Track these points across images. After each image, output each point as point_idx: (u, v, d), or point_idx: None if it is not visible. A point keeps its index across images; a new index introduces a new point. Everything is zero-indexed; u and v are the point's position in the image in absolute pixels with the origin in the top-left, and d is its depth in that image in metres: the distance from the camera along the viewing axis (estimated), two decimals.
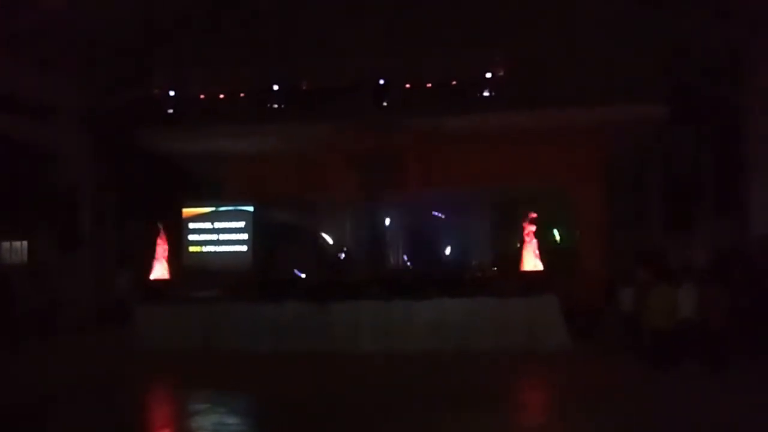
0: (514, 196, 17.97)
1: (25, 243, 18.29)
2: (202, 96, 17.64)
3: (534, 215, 14.91)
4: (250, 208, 19.15)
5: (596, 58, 15.69)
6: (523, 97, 16.04)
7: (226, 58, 17.31)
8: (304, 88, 17.20)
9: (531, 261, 14.71)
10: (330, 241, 19.78)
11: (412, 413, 9.15)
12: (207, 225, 19.29)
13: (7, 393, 11.01)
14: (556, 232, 19.28)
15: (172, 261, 16.50)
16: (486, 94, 16.24)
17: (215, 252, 19.15)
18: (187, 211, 19.30)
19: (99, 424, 9.16)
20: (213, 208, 19.32)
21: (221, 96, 17.57)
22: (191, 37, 17.63)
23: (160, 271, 16.10)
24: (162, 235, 16.18)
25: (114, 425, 9.13)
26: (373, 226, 19.29)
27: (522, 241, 14.95)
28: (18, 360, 13.96)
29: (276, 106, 17.17)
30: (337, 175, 18.62)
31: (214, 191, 20.28)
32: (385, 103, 16.60)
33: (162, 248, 16.13)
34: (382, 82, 16.52)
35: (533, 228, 14.91)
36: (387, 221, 19.37)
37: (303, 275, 18.06)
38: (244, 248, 19.05)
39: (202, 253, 19.14)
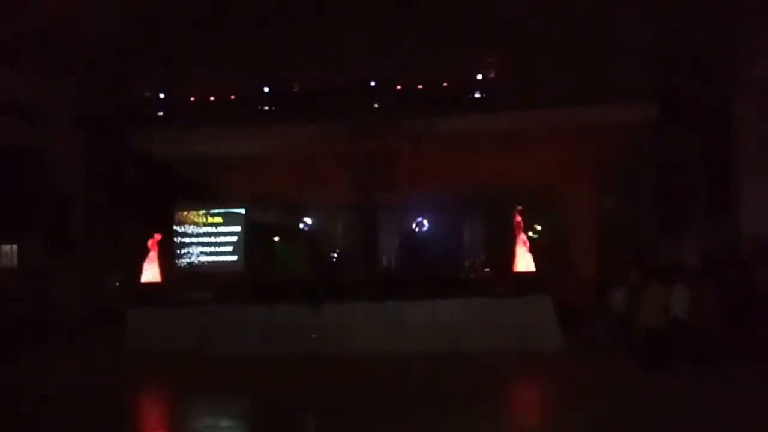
0: (506, 196, 17.96)
1: (15, 246, 18.19)
2: (192, 98, 17.63)
3: (522, 209, 14.92)
4: (242, 210, 19.07)
5: (588, 59, 15.73)
6: (514, 98, 16.08)
7: (216, 60, 17.30)
8: (295, 90, 17.22)
9: (523, 261, 14.71)
10: (322, 242, 19.74)
11: (405, 414, 9.12)
12: (199, 227, 19.18)
13: (1, 397, 10.95)
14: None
15: (164, 264, 16.42)
16: (477, 95, 16.29)
17: (207, 254, 19.04)
18: (179, 214, 19.19)
19: (92, 426, 9.11)
20: (205, 211, 19.21)
21: (212, 98, 17.56)
22: (182, 40, 17.59)
23: (152, 274, 16.01)
24: (154, 237, 16.10)
25: (107, 428, 9.08)
26: (366, 227, 19.27)
27: (514, 242, 14.95)
28: (10, 364, 13.86)
29: (267, 108, 17.18)
30: (329, 176, 18.58)
31: (206, 193, 20.20)
32: (376, 105, 16.61)
33: (154, 251, 16.03)
34: (373, 83, 16.54)
35: (523, 229, 14.93)
36: (379, 222, 19.35)
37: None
38: (236, 250, 18.96)
39: (194, 255, 19.03)
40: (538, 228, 17.71)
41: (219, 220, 19.03)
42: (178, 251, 18.89)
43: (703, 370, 10.99)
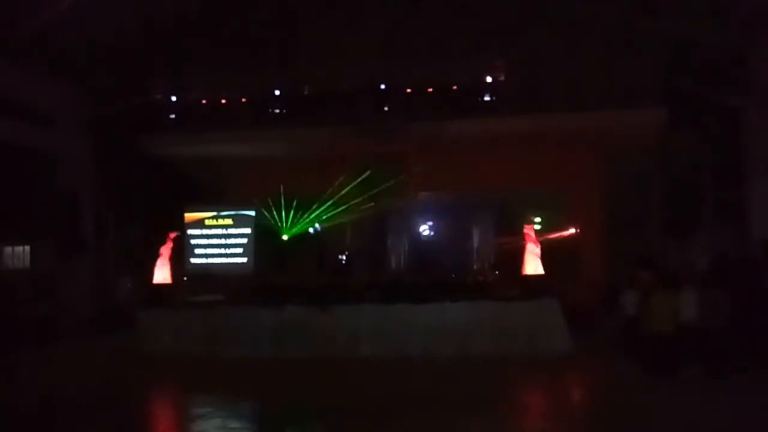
0: (514, 200, 17.99)
1: (27, 248, 18.31)
2: (203, 101, 17.74)
3: (531, 212, 14.95)
4: (252, 213, 19.15)
5: (596, 62, 15.75)
6: (523, 101, 16.10)
7: (227, 63, 17.40)
8: (305, 93, 17.28)
9: (532, 265, 14.71)
10: (331, 245, 19.76)
11: (413, 417, 9.17)
12: (209, 230, 19.27)
13: (10, 398, 11.04)
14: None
15: (174, 266, 16.51)
16: (486, 99, 16.31)
17: (217, 256, 19.13)
18: (188, 216, 19.28)
19: (102, 428, 9.18)
20: (214, 213, 19.30)
21: (223, 101, 17.67)
22: (193, 42, 17.72)
23: (162, 275, 16.10)
24: (168, 240, 16.17)
25: (117, 429, 9.15)
26: (374, 230, 19.29)
27: (523, 245, 14.95)
28: (20, 365, 13.97)
29: (277, 111, 17.25)
30: (338, 179, 18.63)
31: (216, 196, 20.30)
32: (385, 108, 16.65)
33: (165, 253, 16.11)
34: (383, 87, 16.58)
35: (533, 231, 14.94)
36: (388, 225, 19.36)
37: None
38: (245, 253, 19.04)
39: (203, 257, 19.13)
40: (546, 231, 17.64)
41: (229, 222, 19.14)
42: (188, 253, 18.99)
43: (712, 375, 10.97)
